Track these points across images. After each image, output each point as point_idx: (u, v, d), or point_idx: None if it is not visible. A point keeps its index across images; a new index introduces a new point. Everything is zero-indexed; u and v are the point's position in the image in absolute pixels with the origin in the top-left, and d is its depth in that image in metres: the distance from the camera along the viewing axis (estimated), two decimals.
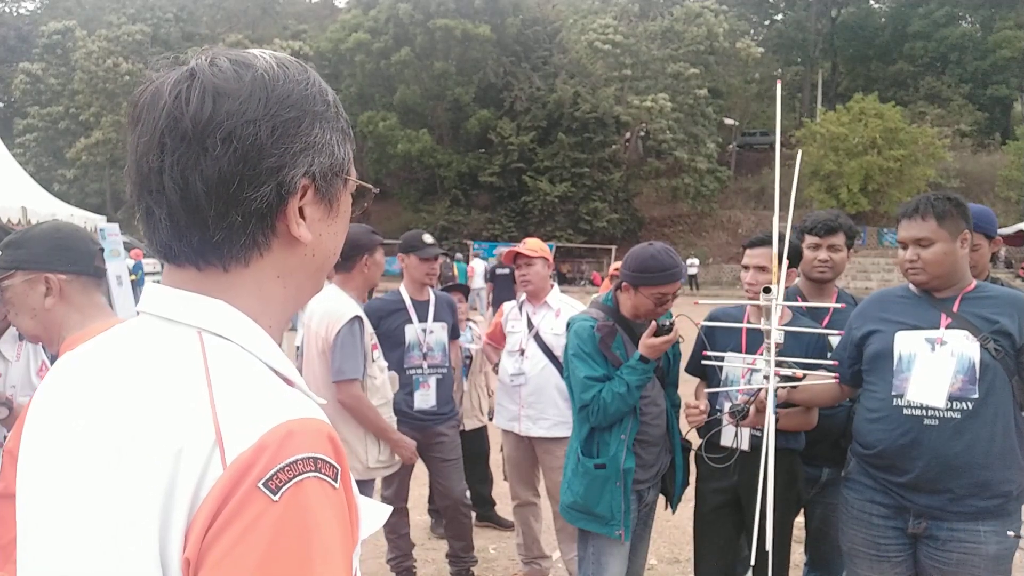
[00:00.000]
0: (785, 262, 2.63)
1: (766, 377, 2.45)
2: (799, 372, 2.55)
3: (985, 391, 2.23)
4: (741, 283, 2.97)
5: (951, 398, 2.24)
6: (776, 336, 2.40)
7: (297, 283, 0.80)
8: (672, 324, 2.66)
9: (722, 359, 2.80)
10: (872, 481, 2.42)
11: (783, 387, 2.54)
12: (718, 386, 2.87)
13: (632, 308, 2.83)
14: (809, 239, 3.06)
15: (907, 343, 2.35)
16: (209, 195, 0.70)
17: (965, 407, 2.23)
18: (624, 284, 2.83)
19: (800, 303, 2.94)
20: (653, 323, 2.67)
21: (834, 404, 2.76)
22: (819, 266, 3.02)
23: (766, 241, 2.84)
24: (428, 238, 3.77)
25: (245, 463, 0.62)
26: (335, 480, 0.67)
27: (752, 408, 2.59)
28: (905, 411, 2.31)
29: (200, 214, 0.71)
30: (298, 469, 0.63)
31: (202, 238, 0.72)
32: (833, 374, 2.57)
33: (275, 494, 0.62)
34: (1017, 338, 2.23)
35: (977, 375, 2.23)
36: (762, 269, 2.82)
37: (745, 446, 2.75)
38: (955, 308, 2.31)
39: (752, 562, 2.43)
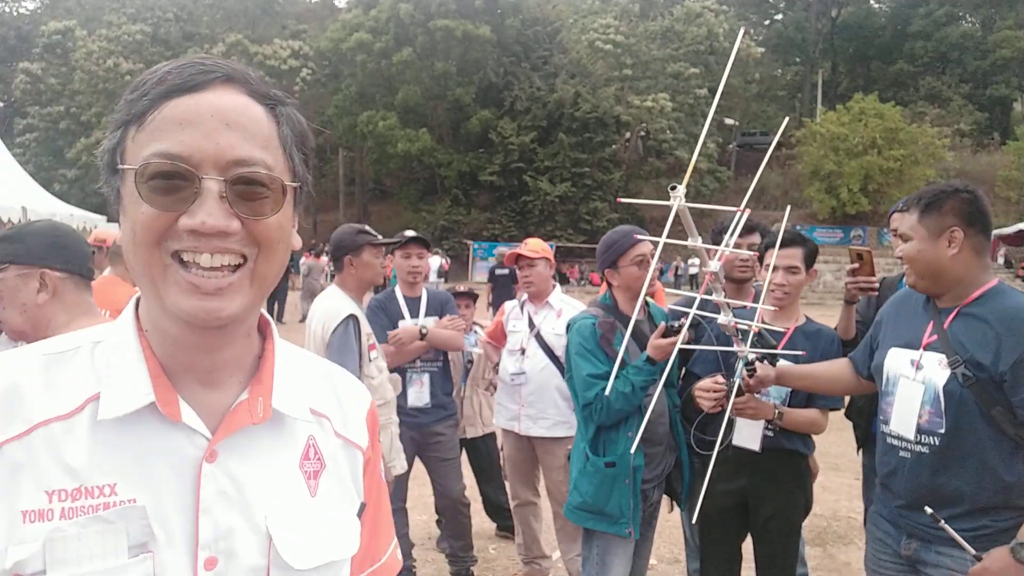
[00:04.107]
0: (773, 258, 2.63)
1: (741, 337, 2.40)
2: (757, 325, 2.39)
3: (952, 425, 2.03)
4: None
5: (920, 431, 2.10)
6: (714, 266, 2.16)
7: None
8: (680, 326, 2.64)
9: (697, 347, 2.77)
10: (882, 495, 2.34)
11: (756, 352, 2.47)
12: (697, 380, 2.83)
13: (624, 289, 2.88)
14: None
15: (895, 362, 2.22)
16: None
17: (933, 442, 2.07)
18: (607, 272, 2.91)
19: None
20: (662, 324, 2.66)
21: (849, 394, 2.63)
22: (740, 266, 3.05)
23: (797, 240, 2.82)
24: (409, 233, 3.78)
25: None
26: None
27: (741, 382, 2.53)
28: (888, 439, 2.23)
29: None
30: None
31: None
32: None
33: None
34: (993, 368, 1.97)
35: (943, 407, 2.04)
36: (793, 270, 2.78)
37: (755, 446, 2.72)
38: (947, 323, 2.10)
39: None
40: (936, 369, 2.07)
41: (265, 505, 0.79)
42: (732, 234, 2.19)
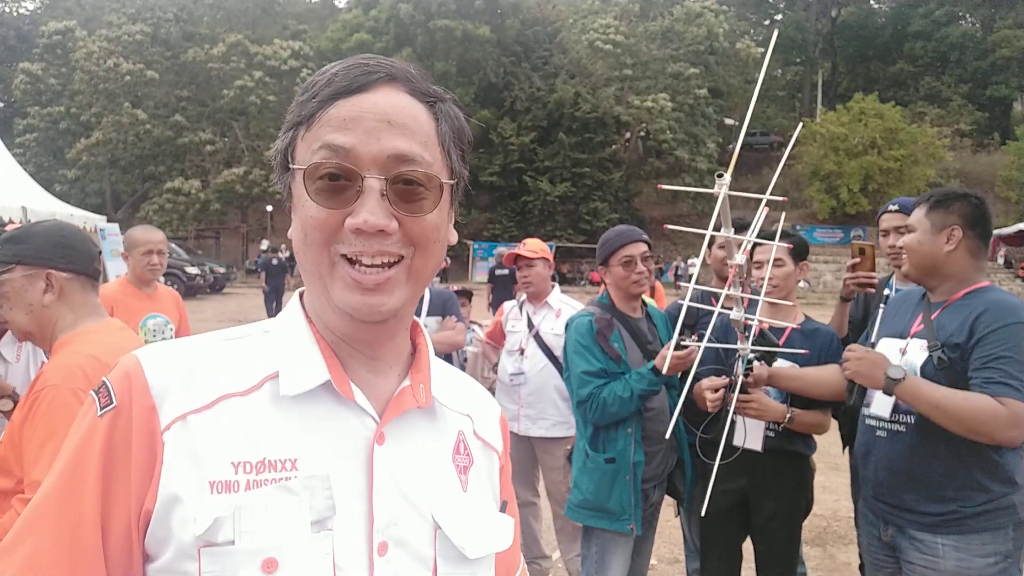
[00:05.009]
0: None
1: (746, 332, 2.44)
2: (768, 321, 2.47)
3: None
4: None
5: (897, 410, 2.21)
6: (739, 259, 2.25)
7: None
8: (693, 341, 2.62)
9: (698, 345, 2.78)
10: (861, 483, 2.43)
11: (758, 350, 2.50)
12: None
13: (615, 288, 2.89)
14: (719, 239, 3.07)
15: (883, 351, 2.30)
16: None
17: (909, 421, 2.19)
18: (600, 270, 2.93)
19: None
20: (676, 336, 2.66)
21: (836, 399, 2.66)
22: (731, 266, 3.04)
23: (773, 236, 2.84)
24: None
25: None
26: (100, 408, 0.74)
27: (737, 378, 2.54)
28: (867, 420, 2.33)
29: None
30: (100, 386, 0.76)
31: None
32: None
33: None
34: (965, 345, 2.08)
35: None
36: (777, 263, 2.81)
37: (758, 446, 2.73)
38: (935, 315, 2.21)
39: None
40: (918, 353, 2.18)
41: (428, 494, 0.81)
42: (758, 222, 2.27)
